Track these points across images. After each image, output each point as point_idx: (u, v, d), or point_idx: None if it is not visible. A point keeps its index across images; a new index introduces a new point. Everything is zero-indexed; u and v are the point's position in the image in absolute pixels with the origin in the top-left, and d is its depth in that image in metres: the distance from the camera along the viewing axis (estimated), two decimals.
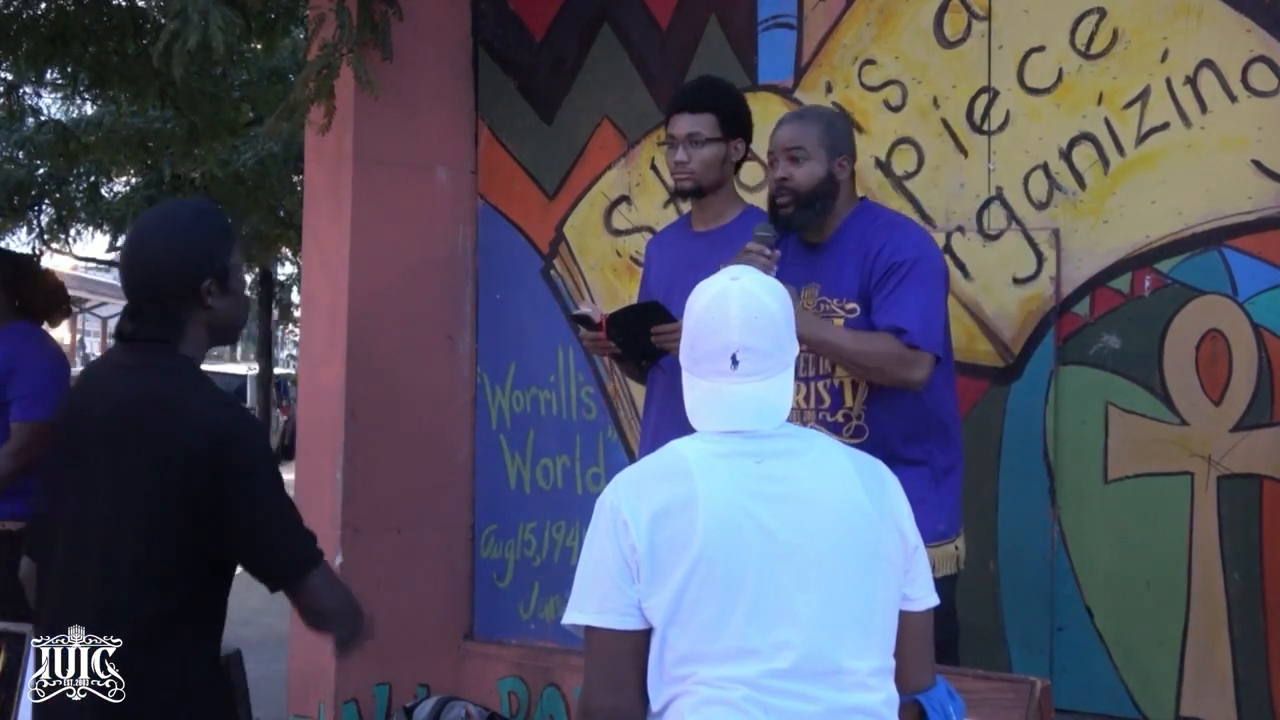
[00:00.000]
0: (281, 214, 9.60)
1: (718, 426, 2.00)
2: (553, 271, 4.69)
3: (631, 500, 1.93)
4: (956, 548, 3.18)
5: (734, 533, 1.90)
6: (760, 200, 3.83)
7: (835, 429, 3.15)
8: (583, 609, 1.94)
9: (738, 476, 1.95)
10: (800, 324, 3.05)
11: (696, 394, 2.03)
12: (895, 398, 3.11)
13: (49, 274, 4.72)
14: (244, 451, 2.22)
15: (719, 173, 3.40)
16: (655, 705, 1.93)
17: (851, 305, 3.13)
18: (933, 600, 2.09)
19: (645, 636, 1.92)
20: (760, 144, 3.92)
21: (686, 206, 3.62)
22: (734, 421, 1.99)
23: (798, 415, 3.20)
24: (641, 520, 1.90)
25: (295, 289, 15.65)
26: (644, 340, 3.28)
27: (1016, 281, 3.74)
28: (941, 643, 3.01)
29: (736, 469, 1.95)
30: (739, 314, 1.99)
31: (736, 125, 3.41)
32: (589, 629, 1.94)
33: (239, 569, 2.30)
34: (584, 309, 3.39)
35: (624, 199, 4.53)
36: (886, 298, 3.08)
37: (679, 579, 1.88)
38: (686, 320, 2.06)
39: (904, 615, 2.03)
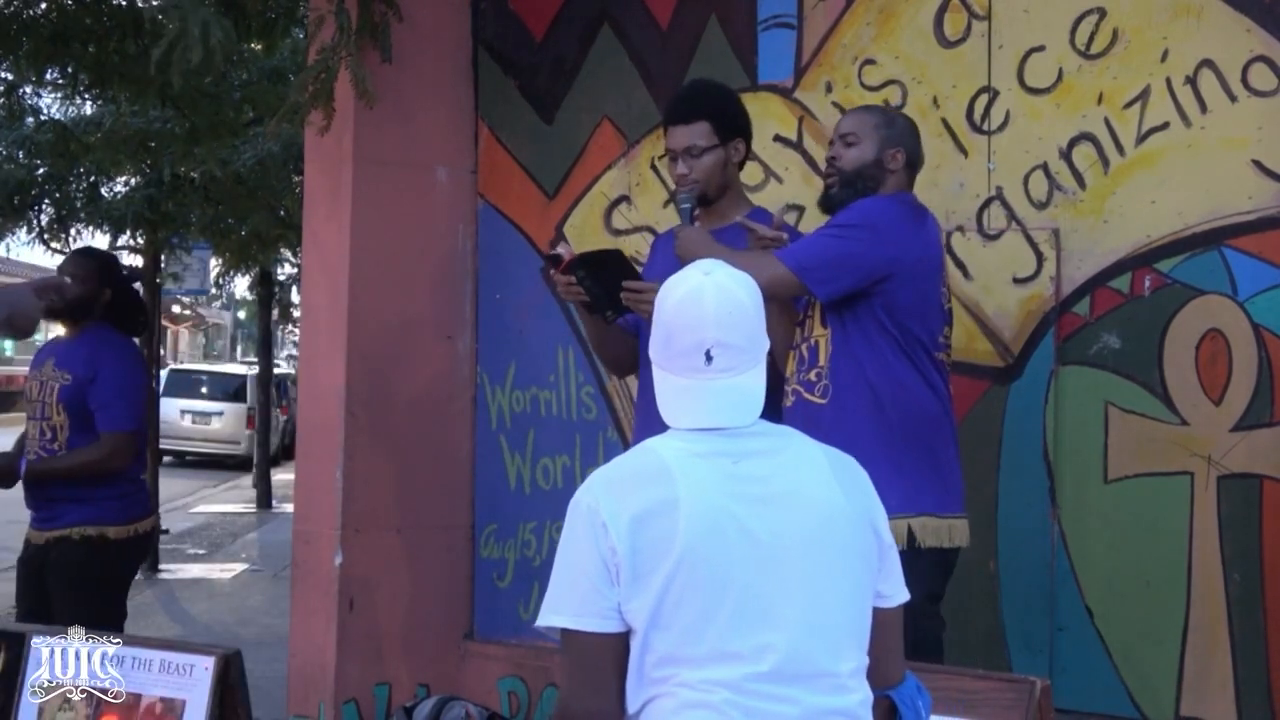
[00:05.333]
0: (281, 214, 9.58)
1: (693, 423, 1.98)
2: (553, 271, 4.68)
3: (610, 502, 1.91)
4: (910, 527, 3.09)
5: (716, 535, 1.89)
6: (760, 200, 3.84)
7: (809, 387, 3.21)
8: (560, 611, 1.92)
9: (717, 478, 1.93)
10: (694, 247, 3.15)
11: (670, 390, 2.01)
12: (851, 362, 3.15)
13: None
14: None
15: (722, 177, 3.40)
16: (632, 707, 1.92)
17: None
18: (904, 596, 2.09)
19: (624, 638, 1.91)
20: (760, 144, 3.93)
21: None
22: (709, 418, 1.98)
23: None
24: (621, 523, 1.88)
25: (295, 289, 15.61)
26: (612, 291, 3.29)
27: (1016, 281, 3.74)
28: (918, 641, 3.02)
29: (715, 470, 1.94)
30: (714, 310, 1.98)
31: (733, 127, 3.40)
32: (567, 631, 1.91)
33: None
34: (559, 250, 3.39)
35: (624, 199, 4.53)
36: None
37: (660, 582, 1.87)
38: (659, 316, 2.03)
39: (877, 612, 2.03)
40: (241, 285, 17.93)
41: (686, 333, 1.98)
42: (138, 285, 4.78)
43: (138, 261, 10.09)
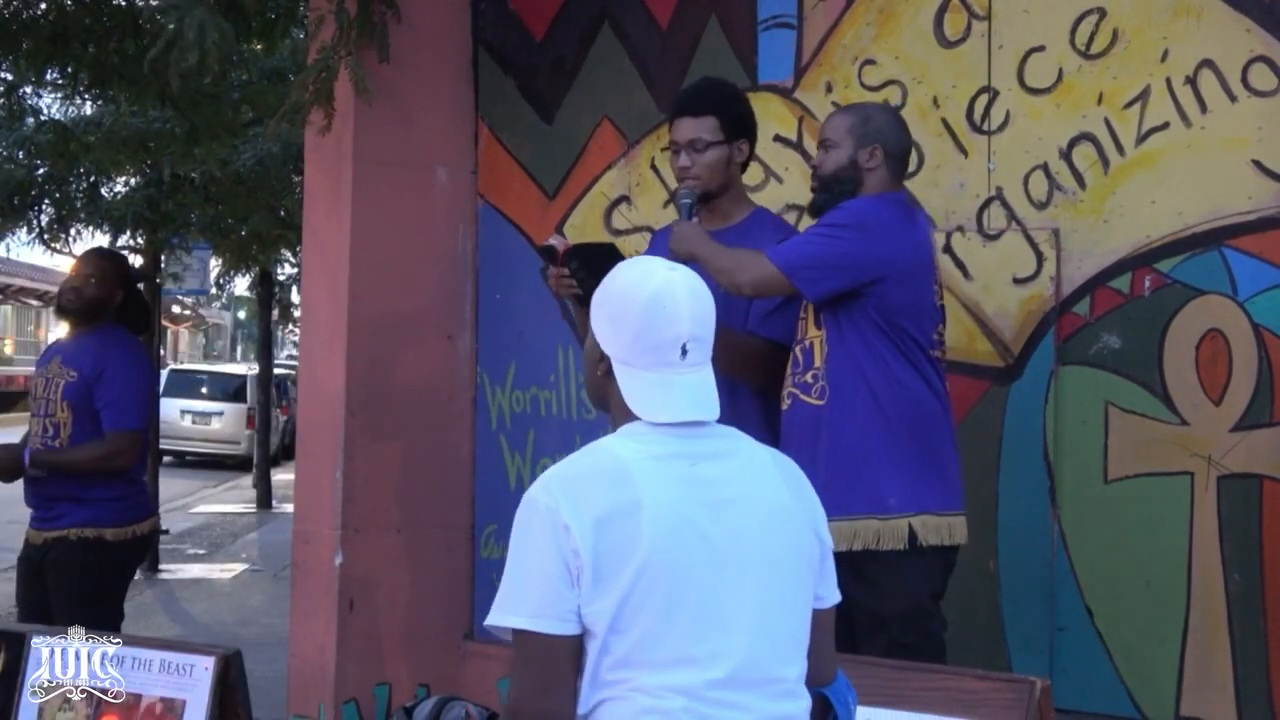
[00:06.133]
0: (281, 214, 9.58)
1: (672, 416, 1.97)
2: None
3: (571, 503, 1.88)
4: (911, 525, 3.11)
5: (677, 539, 1.88)
6: (760, 200, 3.84)
7: (805, 389, 3.21)
8: (517, 612, 1.88)
9: (676, 481, 1.92)
10: (689, 243, 3.19)
11: (641, 385, 1.99)
12: (849, 362, 3.15)
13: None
14: None
15: (724, 175, 3.39)
16: (583, 708, 1.90)
17: None
18: (837, 598, 2.10)
19: (580, 640, 1.89)
20: (760, 144, 3.92)
21: None
22: (688, 411, 1.97)
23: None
24: (584, 525, 1.86)
25: (295, 289, 15.60)
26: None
27: (1016, 281, 3.74)
28: (910, 644, 3.03)
29: (674, 473, 1.93)
30: (689, 304, 1.98)
31: (739, 126, 3.40)
32: (523, 632, 1.88)
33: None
34: (553, 240, 3.37)
35: (624, 199, 4.53)
36: None
37: (623, 586, 1.85)
38: (624, 310, 2.00)
39: (814, 613, 2.04)
40: (241, 285, 17.92)
41: (663, 327, 1.97)
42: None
43: (137, 261, 10.09)
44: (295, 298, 15.79)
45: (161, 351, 17.11)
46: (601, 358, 2.02)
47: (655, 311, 1.97)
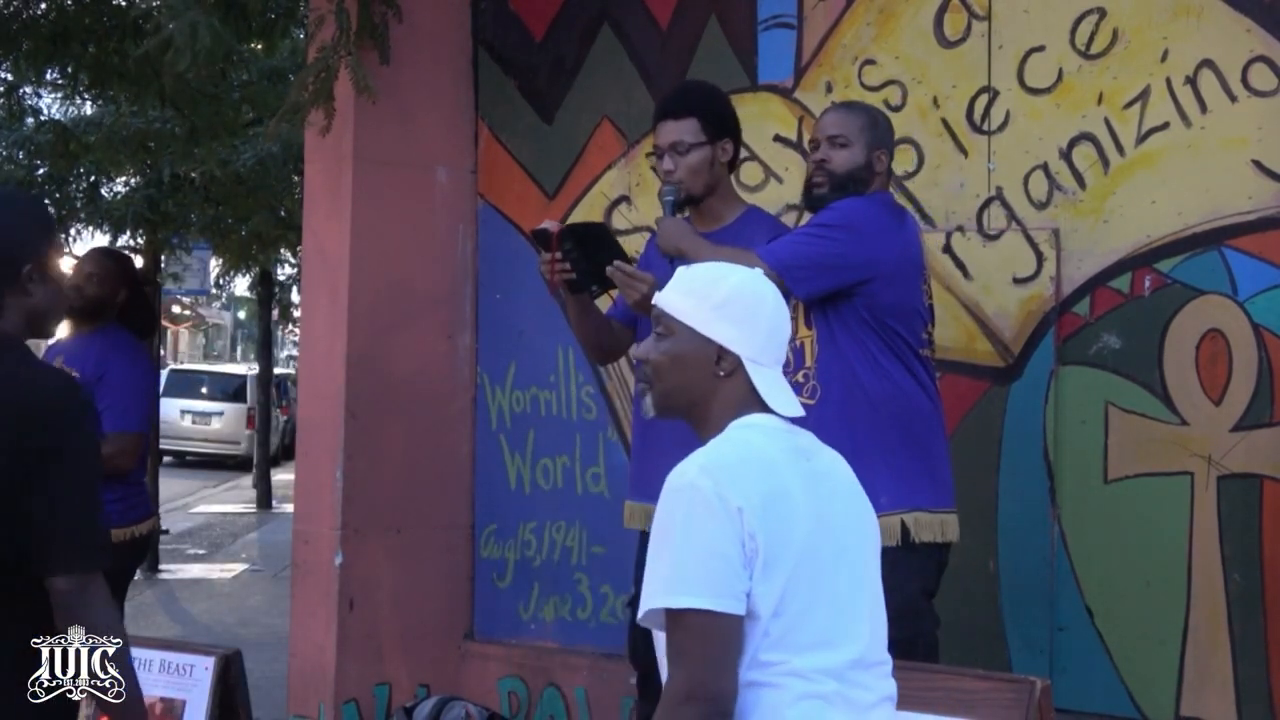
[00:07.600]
0: (281, 214, 9.59)
1: (796, 410, 2.08)
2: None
3: (738, 488, 1.93)
4: (904, 522, 3.13)
5: (815, 527, 1.97)
6: (760, 200, 3.84)
7: (796, 389, 3.18)
8: (695, 593, 1.90)
9: (803, 473, 2.02)
10: (675, 239, 3.22)
11: (769, 381, 2.08)
12: (840, 361, 3.16)
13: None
14: (72, 419, 2.20)
15: (709, 176, 3.37)
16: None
17: None
18: None
19: (744, 621, 1.94)
20: (760, 144, 3.93)
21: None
22: (798, 405, 2.09)
23: None
24: (755, 509, 1.92)
25: (295, 289, 15.59)
26: (596, 267, 3.27)
27: (1016, 281, 3.74)
28: (901, 641, 3.03)
29: (800, 466, 2.02)
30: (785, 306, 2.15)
31: (722, 126, 3.39)
32: (700, 613, 1.90)
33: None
34: (545, 224, 3.35)
35: (624, 199, 4.52)
36: None
37: (787, 570, 1.93)
38: (758, 310, 2.08)
39: None
40: (241, 285, 17.92)
41: (786, 326, 2.13)
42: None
43: (138, 262, 10.09)
44: (295, 298, 15.78)
45: (161, 351, 17.12)
46: (721, 357, 2.06)
47: (782, 311, 2.12)
